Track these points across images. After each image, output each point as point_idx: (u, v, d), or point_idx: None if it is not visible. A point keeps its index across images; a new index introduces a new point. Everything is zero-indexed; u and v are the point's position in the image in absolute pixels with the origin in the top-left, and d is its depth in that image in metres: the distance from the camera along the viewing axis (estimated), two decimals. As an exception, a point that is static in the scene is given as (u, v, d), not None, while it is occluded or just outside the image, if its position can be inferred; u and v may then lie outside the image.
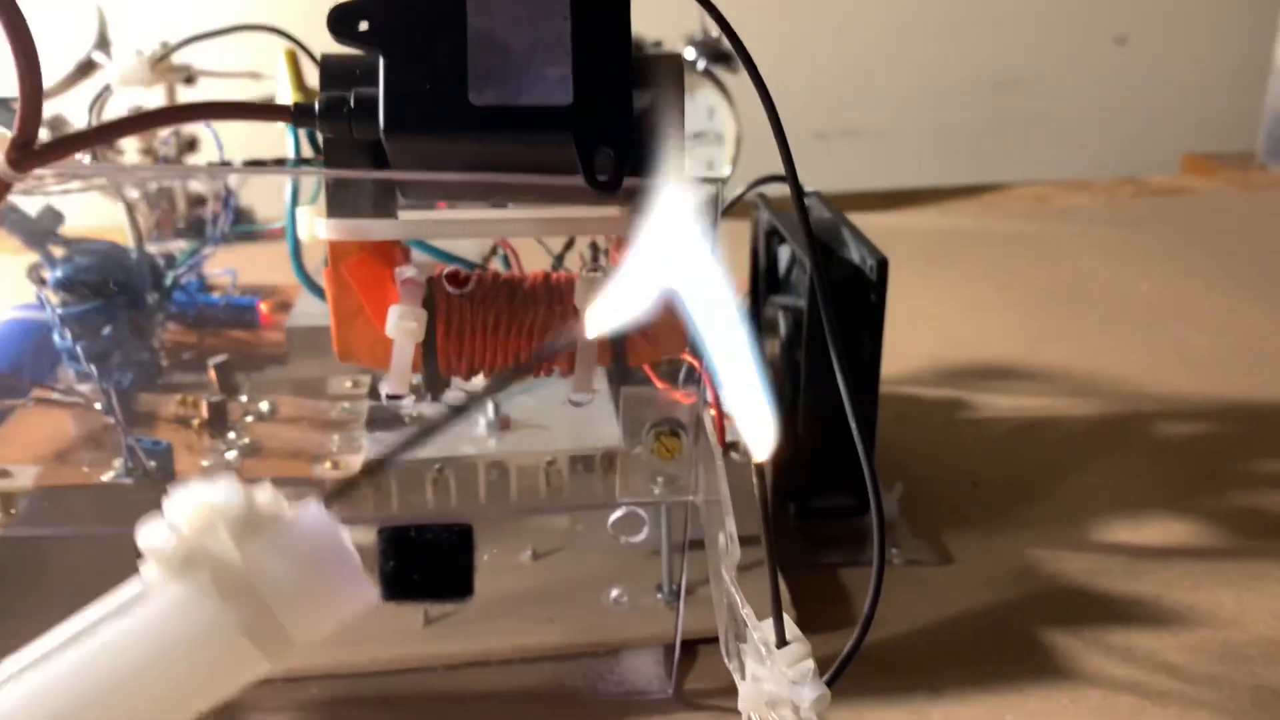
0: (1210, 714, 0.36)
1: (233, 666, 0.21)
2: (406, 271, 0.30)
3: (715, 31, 0.91)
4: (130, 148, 0.83)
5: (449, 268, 0.31)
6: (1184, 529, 0.47)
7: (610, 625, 0.38)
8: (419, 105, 0.26)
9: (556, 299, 0.32)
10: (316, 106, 0.27)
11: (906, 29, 1.28)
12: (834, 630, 0.41)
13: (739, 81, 0.91)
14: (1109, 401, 0.59)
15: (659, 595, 0.39)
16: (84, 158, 0.42)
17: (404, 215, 0.30)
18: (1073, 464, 0.53)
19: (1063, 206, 0.99)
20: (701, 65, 0.89)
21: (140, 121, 0.26)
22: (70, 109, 0.84)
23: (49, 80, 0.81)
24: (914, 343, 0.66)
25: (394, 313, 0.29)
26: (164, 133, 0.81)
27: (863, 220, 0.48)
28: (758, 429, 0.24)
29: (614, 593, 0.38)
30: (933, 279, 0.77)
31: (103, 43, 0.84)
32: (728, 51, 0.90)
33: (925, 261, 0.81)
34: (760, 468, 0.25)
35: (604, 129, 0.27)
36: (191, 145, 0.84)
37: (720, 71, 0.90)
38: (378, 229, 0.30)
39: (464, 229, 0.29)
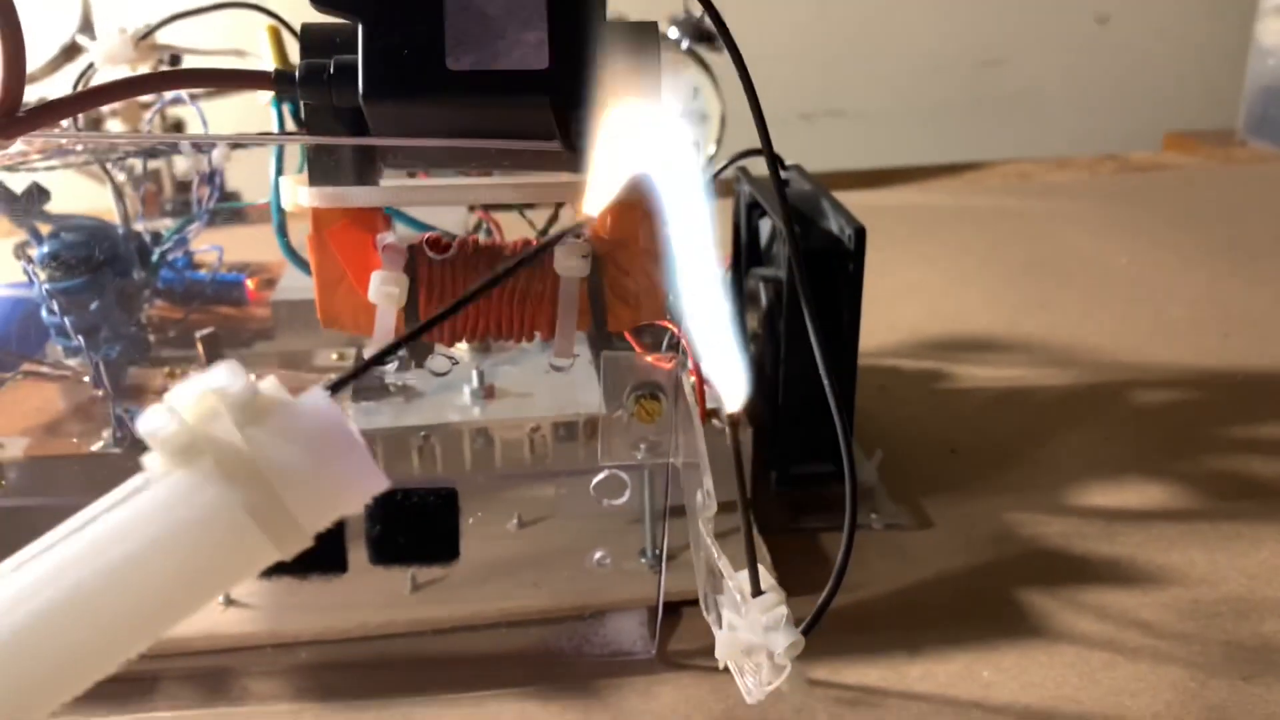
0: (1180, 667, 0.37)
1: (240, 552, 0.20)
2: (388, 238, 0.30)
3: (698, 11, 0.91)
4: (115, 129, 0.83)
5: (431, 234, 0.31)
6: (1159, 492, 0.48)
7: (594, 589, 0.39)
8: (397, 71, 0.27)
9: (536, 265, 0.32)
10: (297, 73, 0.28)
11: (890, 9, 1.28)
12: (815, 592, 0.41)
13: (723, 61, 0.91)
14: (1086, 371, 0.60)
15: (642, 559, 0.40)
16: (69, 125, 0.42)
17: (385, 182, 0.31)
18: (1050, 431, 0.53)
19: (1044, 183, 1.00)
20: (685, 45, 0.90)
21: (123, 87, 0.26)
22: (55, 91, 0.84)
23: (33, 63, 0.82)
24: (896, 316, 0.67)
25: (376, 278, 0.30)
26: (149, 114, 0.81)
27: (845, 198, 0.49)
28: (731, 380, 0.25)
29: (597, 555, 0.38)
30: (915, 253, 0.78)
31: (86, 25, 0.84)
32: (711, 31, 0.90)
33: (907, 236, 0.82)
34: (734, 418, 0.26)
35: (581, 92, 0.27)
36: (178, 128, 0.84)
37: (704, 51, 0.90)
38: (359, 195, 0.30)
39: (444, 195, 0.30)
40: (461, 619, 0.39)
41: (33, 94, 0.85)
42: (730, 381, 0.25)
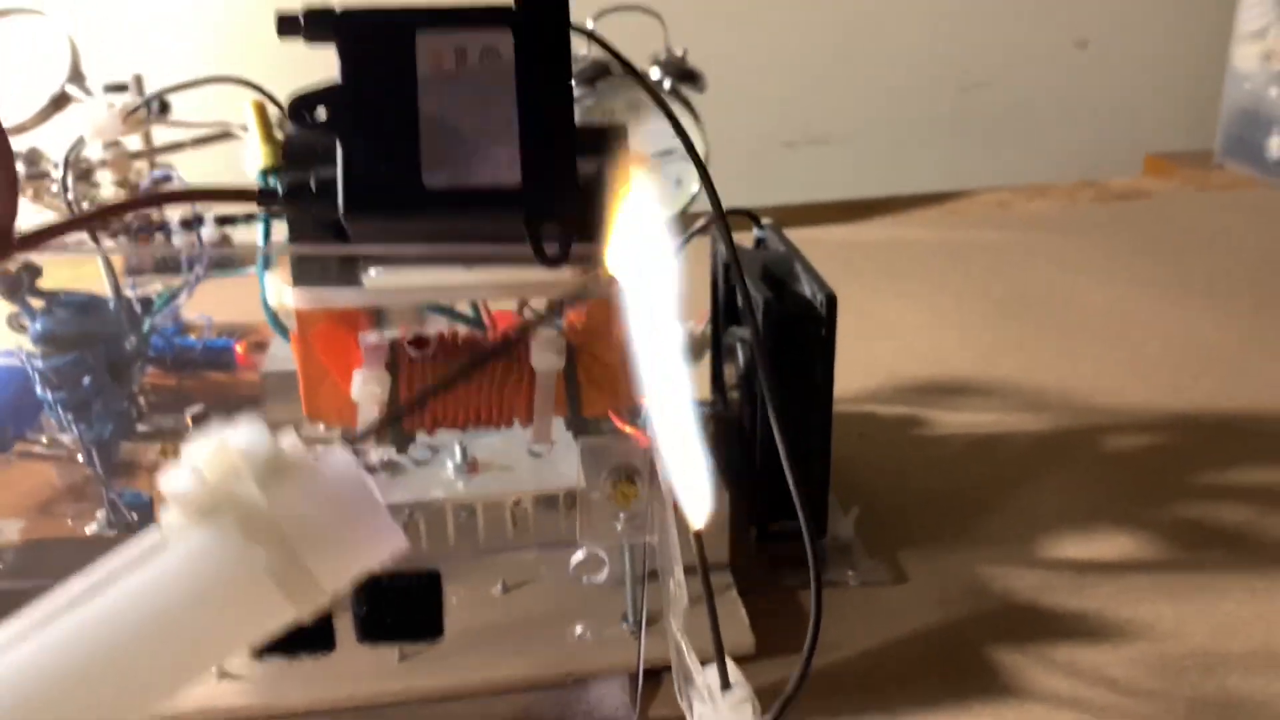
0: (1146, 726, 0.38)
1: (258, 612, 0.20)
2: (370, 337, 0.31)
3: (680, 51, 0.93)
4: (106, 180, 0.84)
5: (412, 331, 0.33)
6: (1128, 542, 0.49)
7: (576, 656, 0.40)
8: (376, 189, 0.28)
9: (514, 356, 0.33)
10: (280, 189, 0.29)
11: (872, 36, 1.30)
12: (793, 653, 0.42)
13: (705, 99, 0.92)
14: (1060, 415, 0.61)
15: (623, 625, 0.41)
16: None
17: (371, 283, 0.32)
18: (1024, 479, 0.55)
19: (1023, 213, 1.01)
20: (667, 84, 0.91)
21: (116, 209, 0.28)
22: (44, 142, 0.85)
23: (23, 114, 0.83)
24: (873, 358, 0.69)
25: (358, 377, 0.31)
26: (138, 163, 0.82)
27: (827, 233, 0.50)
28: (696, 497, 0.26)
29: (578, 629, 0.39)
30: (893, 292, 0.79)
31: (76, 75, 0.85)
32: (693, 70, 0.92)
33: (886, 273, 0.83)
34: (699, 535, 0.27)
35: (551, 206, 0.28)
36: (166, 177, 0.85)
37: (686, 89, 0.91)
38: (341, 297, 0.31)
39: (423, 295, 0.31)
40: (448, 689, 0.40)
41: (21, 144, 0.86)
42: (695, 499, 0.26)
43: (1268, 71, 1.14)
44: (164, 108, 0.78)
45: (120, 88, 0.82)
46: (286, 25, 0.28)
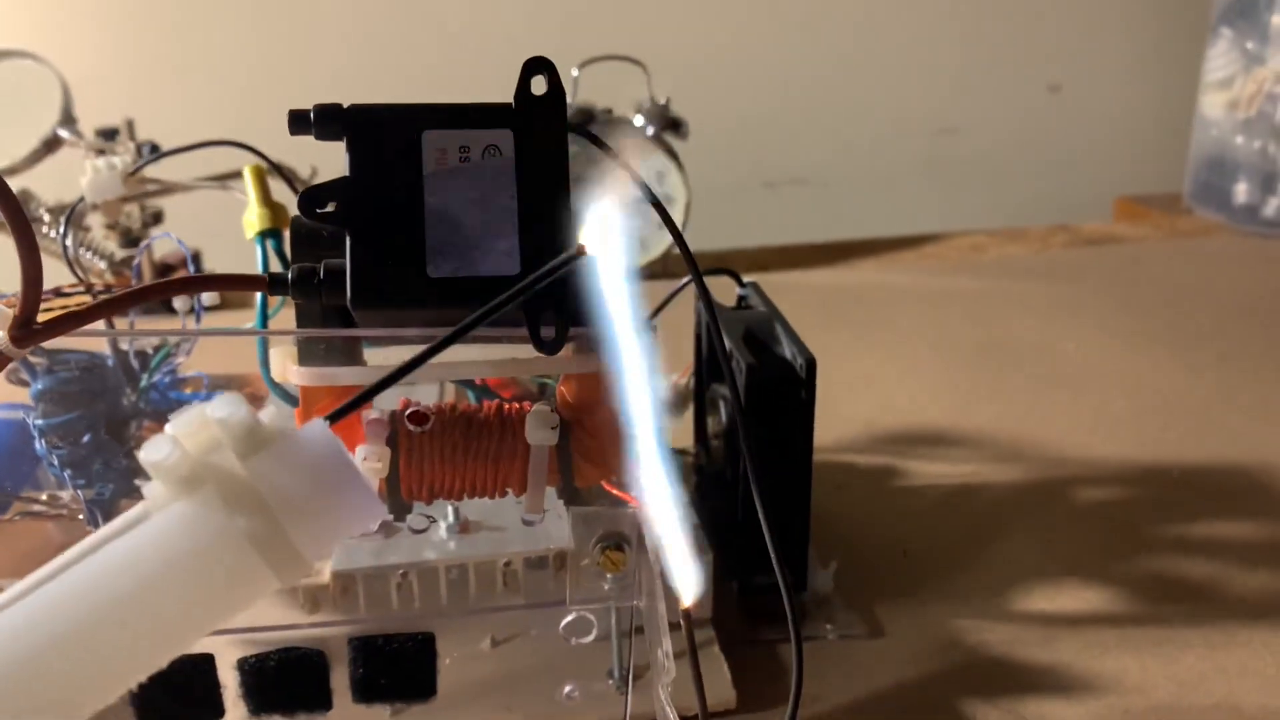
0: (1110, 781, 0.40)
1: (241, 582, 0.20)
2: (372, 414, 0.33)
3: (664, 98, 0.95)
4: (96, 223, 0.85)
5: (411, 406, 0.34)
6: (1095, 596, 0.51)
7: (564, 712, 0.41)
8: (383, 279, 0.29)
9: (508, 430, 0.35)
10: (289, 276, 0.30)
11: (849, 81, 1.33)
12: (772, 707, 0.44)
13: (688, 146, 0.94)
14: (1032, 466, 0.63)
15: (609, 681, 0.42)
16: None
17: (370, 358, 0.34)
18: (997, 531, 0.57)
19: (997, 257, 1.03)
20: (651, 131, 0.93)
21: (136, 297, 0.29)
22: (36, 184, 0.86)
23: (14, 155, 0.83)
24: (853, 408, 0.70)
25: (361, 452, 0.32)
26: (128, 206, 0.83)
27: (807, 277, 0.51)
28: (685, 576, 0.27)
29: (566, 689, 0.41)
30: (870, 341, 0.81)
31: (67, 119, 0.86)
32: (676, 118, 0.94)
33: (864, 322, 0.85)
34: (688, 611, 0.28)
35: (548, 296, 0.30)
36: (156, 218, 0.86)
37: (669, 137, 0.94)
38: (346, 375, 0.33)
39: (427, 373, 0.32)
40: (437, 744, 0.41)
41: (16, 184, 0.87)
42: (684, 577, 0.27)
43: (1233, 119, 1.17)
44: (154, 149, 0.80)
45: (112, 132, 0.83)
46: (298, 122, 0.30)
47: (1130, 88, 1.38)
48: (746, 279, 0.57)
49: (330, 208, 0.30)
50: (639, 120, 0.93)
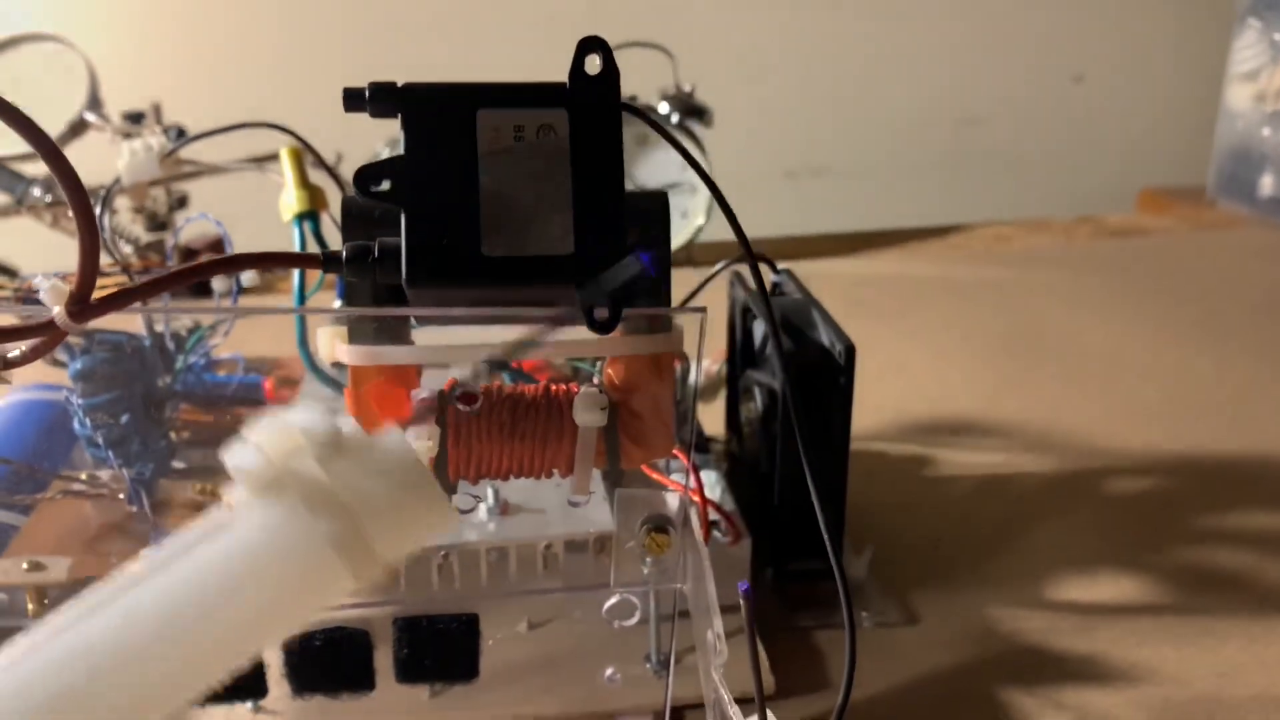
0: (1151, 771, 0.40)
1: (321, 583, 0.21)
2: (422, 393, 0.33)
3: (688, 86, 0.94)
4: (122, 206, 0.85)
5: (459, 383, 0.34)
6: (1131, 585, 0.51)
7: (603, 695, 0.41)
8: (438, 258, 0.29)
9: (555, 410, 0.35)
10: (344, 254, 0.30)
11: (872, 70, 1.32)
12: (810, 693, 0.44)
13: (712, 134, 0.94)
14: (1063, 456, 0.63)
15: (648, 665, 0.42)
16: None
17: (418, 337, 0.34)
18: (1029, 521, 0.56)
19: (1022, 248, 1.03)
20: (675, 119, 0.93)
21: (186, 275, 0.29)
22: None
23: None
24: (881, 396, 0.70)
25: (410, 432, 0.32)
26: (155, 190, 0.83)
27: (833, 266, 0.51)
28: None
29: (608, 672, 0.41)
30: (899, 329, 0.81)
31: (94, 102, 0.86)
32: (701, 106, 0.93)
33: (892, 311, 0.85)
34: (751, 589, 0.28)
35: (604, 273, 0.30)
36: (182, 202, 0.87)
37: (693, 124, 0.93)
38: (394, 354, 0.33)
39: (474, 353, 0.32)
40: (478, 725, 0.41)
41: (39, 170, 0.87)
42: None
43: (1260, 112, 1.16)
44: (181, 133, 0.80)
45: (138, 116, 0.83)
46: (353, 100, 0.30)
47: (1155, 79, 1.38)
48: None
49: (385, 186, 0.30)
50: (664, 108, 0.93)
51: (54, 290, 0.28)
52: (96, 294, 0.28)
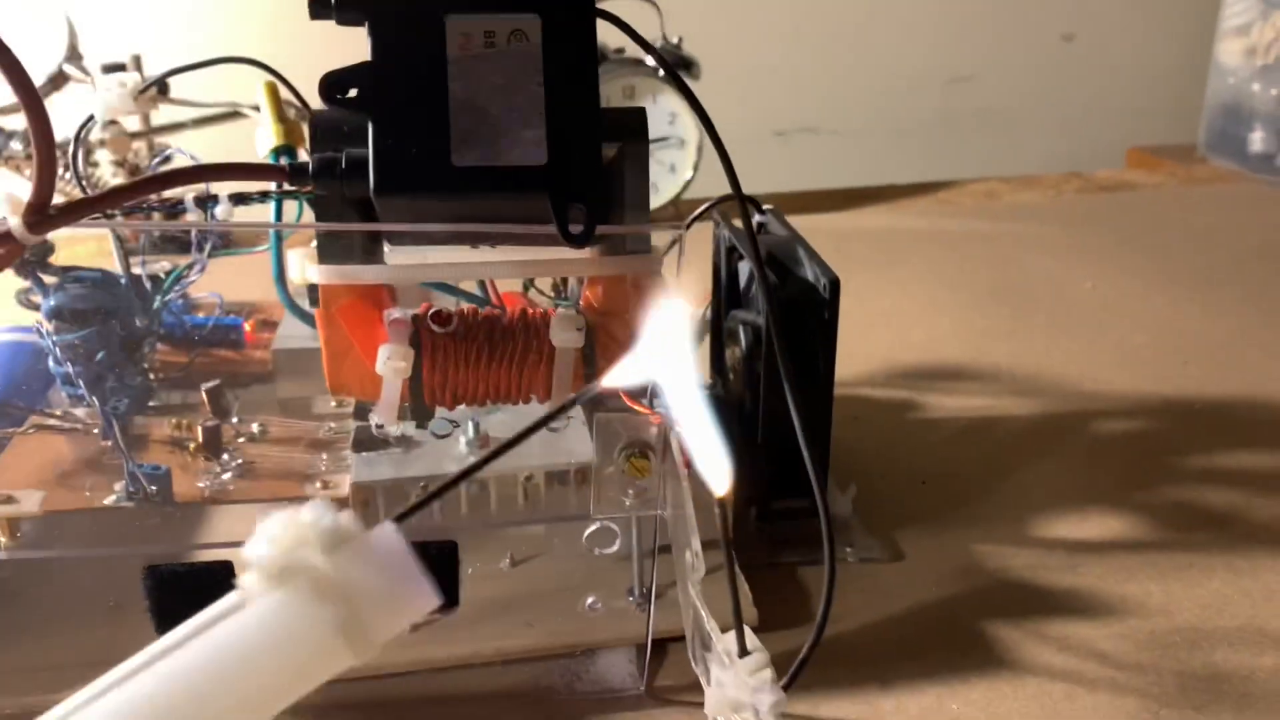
0: (1136, 698, 0.40)
1: (324, 661, 0.23)
2: (394, 313, 0.32)
3: (675, 38, 0.93)
4: (104, 159, 0.84)
5: (434, 307, 0.33)
6: (1118, 523, 0.51)
7: (585, 628, 0.41)
8: (406, 167, 0.29)
9: (533, 334, 0.34)
10: (310, 166, 0.30)
11: (862, 28, 1.31)
12: (793, 627, 0.44)
13: (699, 86, 0.93)
14: (1051, 400, 0.62)
15: (629, 598, 0.42)
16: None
17: (390, 258, 0.33)
18: (1017, 462, 0.56)
19: (1011, 203, 1.02)
20: (662, 72, 0.92)
21: (151, 184, 0.28)
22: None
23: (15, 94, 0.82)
24: (869, 344, 0.70)
25: (383, 352, 0.32)
26: (136, 143, 0.82)
27: (821, 221, 0.51)
28: (715, 465, 0.27)
29: (589, 600, 0.40)
30: (888, 279, 0.81)
31: (73, 55, 0.85)
32: (688, 58, 0.92)
33: (880, 263, 0.84)
34: (722, 501, 0.28)
35: (576, 186, 0.29)
36: (166, 159, 0.85)
37: (681, 77, 0.92)
38: (366, 274, 0.32)
39: (446, 272, 0.32)
40: (458, 658, 0.41)
41: (19, 124, 0.86)
42: (714, 467, 0.27)
43: (1251, 66, 1.16)
44: (163, 89, 0.79)
45: (118, 68, 0.82)
46: (319, 7, 0.29)
47: (1145, 37, 1.37)
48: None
49: (353, 94, 0.29)
50: (650, 60, 0.92)
51: (11, 201, 0.27)
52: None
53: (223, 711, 0.22)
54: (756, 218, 0.56)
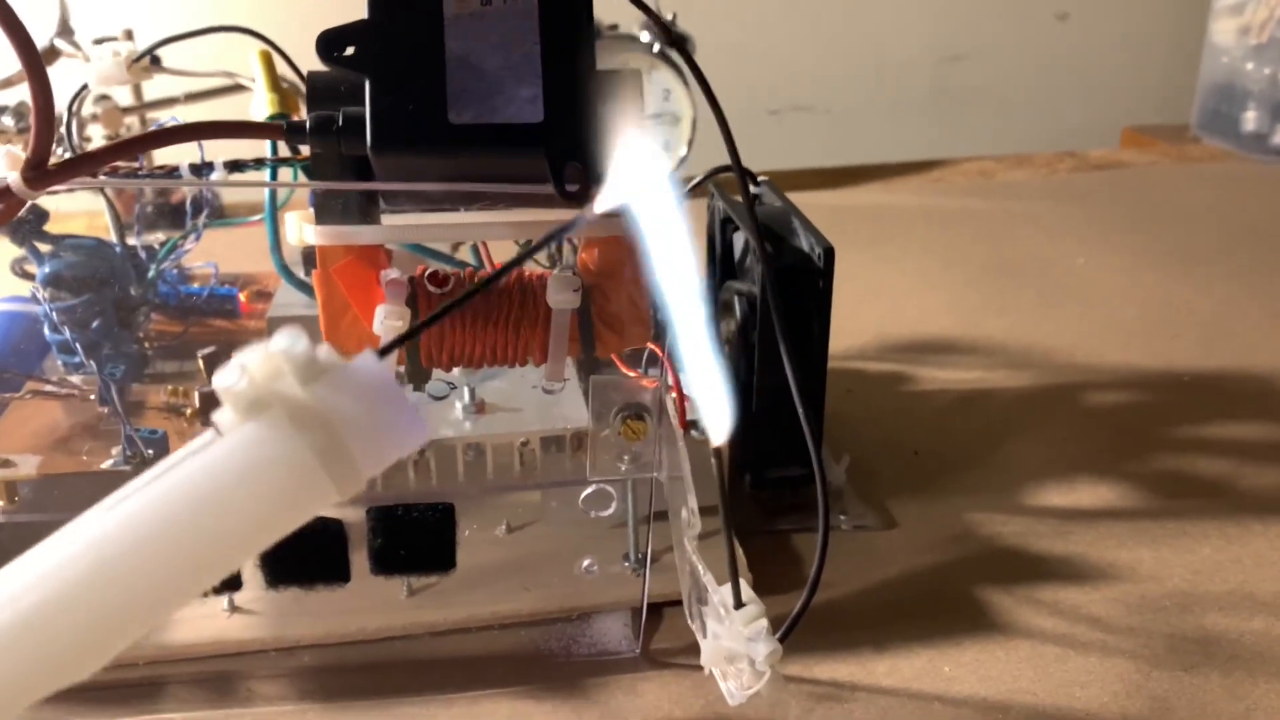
0: (1127, 660, 0.40)
1: (306, 494, 0.22)
2: (391, 273, 0.32)
3: (669, 15, 0.93)
4: (97, 135, 0.84)
5: (430, 268, 0.33)
6: (1109, 492, 0.51)
7: (581, 592, 0.41)
8: (403, 124, 0.29)
9: (530, 295, 0.34)
10: (307, 124, 0.30)
11: (855, 7, 1.31)
12: (787, 592, 0.44)
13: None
14: (1043, 373, 0.63)
15: (625, 563, 0.42)
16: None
17: (386, 220, 0.33)
18: (1008, 433, 0.56)
19: (1004, 181, 1.03)
20: (657, 48, 0.91)
21: (146, 141, 0.28)
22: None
23: (10, 67, 0.82)
24: (862, 319, 0.70)
25: (380, 312, 0.32)
26: (129, 118, 0.82)
27: (814, 198, 0.51)
28: (715, 414, 0.27)
29: (585, 562, 0.40)
30: (880, 256, 0.81)
31: (65, 29, 0.84)
32: (682, 34, 0.92)
33: (873, 239, 0.84)
34: (719, 449, 0.28)
35: (573, 144, 0.29)
36: (155, 131, 0.85)
37: (676, 54, 0.92)
38: (363, 234, 0.32)
39: (443, 233, 0.32)
40: (455, 622, 0.41)
41: (11, 98, 0.86)
42: (715, 413, 0.27)
43: (1244, 46, 1.16)
44: (155, 60, 0.78)
45: (110, 41, 0.81)
46: (315, -37, 0.29)
47: (1139, 14, 1.37)
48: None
49: (349, 52, 0.29)
50: (645, 36, 0.92)
51: (9, 156, 0.27)
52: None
53: (199, 550, 0.21)
54: (751, 189, 0.56)
